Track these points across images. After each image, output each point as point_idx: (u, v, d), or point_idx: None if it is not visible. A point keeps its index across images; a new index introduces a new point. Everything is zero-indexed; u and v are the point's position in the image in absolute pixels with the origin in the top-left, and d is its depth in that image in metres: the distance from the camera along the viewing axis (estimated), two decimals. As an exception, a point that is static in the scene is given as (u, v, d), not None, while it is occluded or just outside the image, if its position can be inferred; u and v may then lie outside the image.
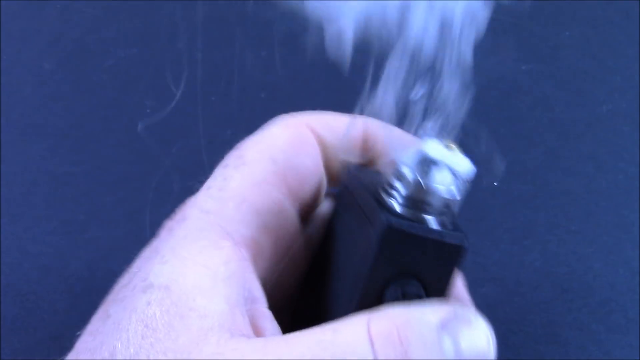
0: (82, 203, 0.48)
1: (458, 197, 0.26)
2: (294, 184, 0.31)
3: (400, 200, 0.26)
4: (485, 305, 0.43)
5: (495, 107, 0.54)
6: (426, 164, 0.26)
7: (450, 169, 0.27)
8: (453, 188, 0.26)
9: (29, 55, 0.58)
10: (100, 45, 0.58)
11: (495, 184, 0.49)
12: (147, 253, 0.29)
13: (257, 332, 0.27)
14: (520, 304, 0.43)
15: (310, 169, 0.31)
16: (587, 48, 0.58)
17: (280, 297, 0.31)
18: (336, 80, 0.56)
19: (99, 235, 0.46)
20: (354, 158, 0.32)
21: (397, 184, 0.26)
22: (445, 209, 0.27)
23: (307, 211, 0.32)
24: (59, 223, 0.47)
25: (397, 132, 0.32)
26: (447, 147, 0.27)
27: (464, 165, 0.27)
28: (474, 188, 0.48)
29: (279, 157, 0.31)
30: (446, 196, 0.26)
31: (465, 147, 0.28)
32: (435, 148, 0.27)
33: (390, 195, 0.26)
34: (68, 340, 0.27)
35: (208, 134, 0.52)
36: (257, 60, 0.57)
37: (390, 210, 0.26)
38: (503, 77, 0.56)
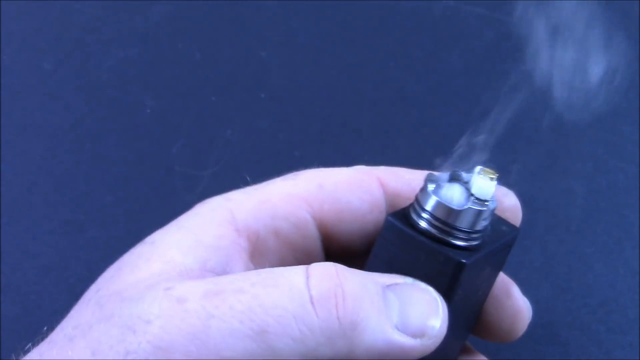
0: (82, 203, 0.48)
1: (462, 208, 0.27)
2: (330, 214, 0.31)
3: (417, 208, 0.28)
4: (485, 305, 0.43)
5: (495, 107, 0.54)
6: (447, 182, 0.28)
7: (465, 188, 0.28)
8: (461, 202, 0.28)
9: (29, 55, 0.58)
10: (100, 45, 0.58)
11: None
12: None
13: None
14: (520, 304, 0.43)
15: (356, 211, 0.31)
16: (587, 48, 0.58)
17: None
18: (337, 80, 0.56)
19: (99, 235, 0.46)
20: None
21: (419, 193, 0.28)
22: (466, 230, 0.28)
23: (340, 247, 0.32)
24: (59, 223, 0.47)
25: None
26: (483, 174, 0.29)
27: (484, 188, 0.28)
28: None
29: (328, 186, 0.31)
30: (453, 207, 0.27)
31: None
32: (466, 173, 0.29)
33: (414, 209, 0.28)
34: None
35: (208, 134, 0.52)
36: (257, 60, 0.57)
37: (404, 214, 0.28)
38: (503, 77, 0.56)
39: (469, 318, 0.32)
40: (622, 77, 0.56)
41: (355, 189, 0.31)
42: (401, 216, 0.28)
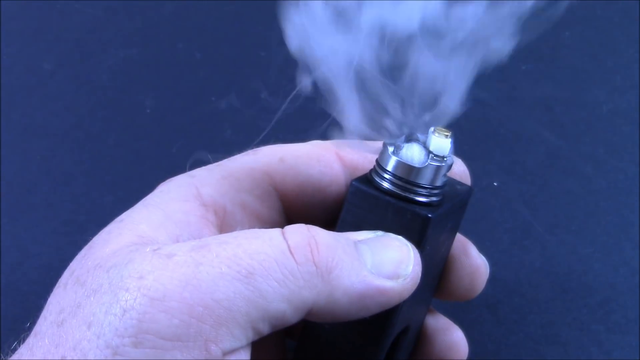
0: (82, 203, 0.48)
1: (422, 165, 0.29)
2: (292, 187, 0.32)
3: (379, 171, 0.30)
4: (485, 305, 0.43)
5: (496, 107, 0.54)
6: (405, 142, 0.30)
7: (423, 146, 0.29)
8: (421, 160, 0.29)
9: (29, 55, 0.58)
10: (100, 45, 0.58)
11: (495, 184, 0.49)
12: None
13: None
14: (520, 304, 0.43)
15: (316, 184, 0.32)
16: (587, 48, 0.58)
17: None
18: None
19: (99, 235, 0.46)
20: None
21: (379, 159, 0.30)
22: (423, 186, 0.29)
23: (303, 219, 0.32)
24: (59, 223, 0.47)
25: None
26: (438, 132, 0.30)
27: (441, 145, 0.29)
28: (474, 188, 0.49)
29: (289, 159, 0.32)
30: (409, 165, 0.29)
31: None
32: (422, 133, 0.30)
33: (376, 172, 0.30)
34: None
35: (208, 134, 0.52)
36: (257, 61, 0.57)
37: (368, 179, 0.30)
38: (503, 77, 0.56)
39: (433, 280, 0.33)
40: (622, 77, 0.56)
41: (315, 163, 0.32)
42: (365, 180, 0.30)
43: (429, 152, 0.29)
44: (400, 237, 0.28)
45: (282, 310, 0.25)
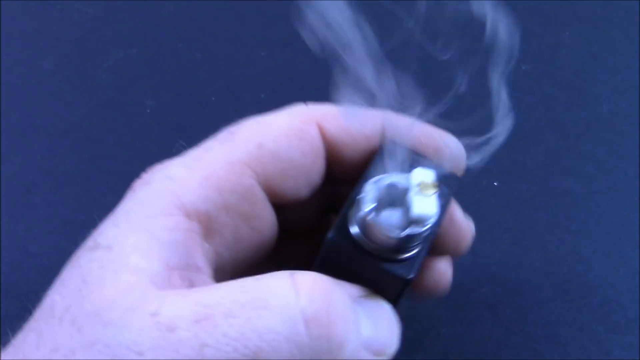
0: (82, 203, 0.48)
1: (401, 236, 0.28)
2: (274, 174, 0.31)
3: (355, 222, 0.28)
4: (485, 305, 0.43)
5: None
6: (385, 199, 0.28)
7: (404, 211, 0.28)
8: (398, 230, 0.28)
9: (29, 55, 0.58)
10: (100, 45, 0.58)
11: (495, 184, 0.49)
12: (110, 215, 0.30)
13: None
14: (520, 304, 0.43)
15: (299, 165, 0.31)
16: (587, 48, 0.58)
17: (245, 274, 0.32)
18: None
19: (99, 235, 0.46)
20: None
21: (357, 208, 0.28)
22: (398, 242, 0.28)
23: (289, 202, 0.32)
24: (59, 223, 0.47)
25: (416, 123, 0.32)
26: (423, 187, 0.28)
27: (424, 211, 0.27)
28: (474, 188, 0.49)
29: (268, 144, 0.31)
30: (389, 235, 0.28)
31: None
32: (405, 183, 0.28)
33: (354, 214, 0.29)
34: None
35: (208, 134, 0.52)
36: (257, 60, 0.57)
37: (344, 227, 0.29)
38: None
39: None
40: (622, 77, 0.56)
41: (296, 143, 0.31)
42: (342, 232, 0.28)
43: (410, 219, 0.28)
44: (389, 308, 0.28)
45: None
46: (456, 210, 0.33)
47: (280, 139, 0.31)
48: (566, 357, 0.41)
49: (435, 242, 0.32)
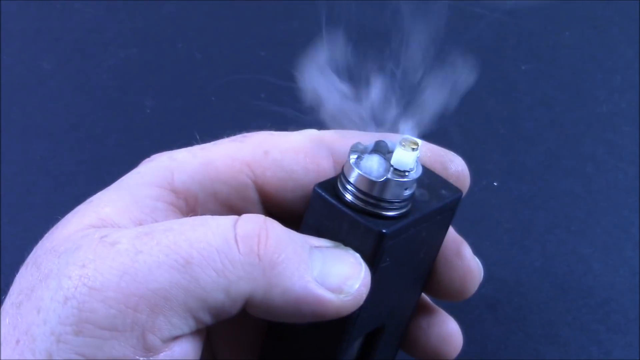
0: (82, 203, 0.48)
1: (380, 179, 0.28)
2: (272, 180, 0.31)
3: (342, 179, 0.29)
4: (485, 305, 0.43)
5: (495, 107, 0.54)
6: (368, 153, 0.29)
7: (385, 159, 0.28)
8: (380, 173, 0.28)
9: (29, 55, 0.58)
10: (100, 45, 0.58)
11: (495, 184, 0.49)
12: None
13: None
14: (520, 304, 0.43)
15: (299, 179, 0.31)
16: (587, 48, 0.58)
17: None
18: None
19: (99, 235, 0.46)
20: None
21: (344, 166, 0.29)
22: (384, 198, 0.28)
23: (282, 211, 0.32)
24: (59, 223, 0.47)
25: (424, 145, 0.33)
26: (406, 141, 0.28)
27: (403, 160, 0.28)
28: (474, 188, 0.49)
29: (275, 153, 0.31)
30: (368, 177, 0.28)
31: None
32: (392, 143, 0.29)
33: (340, 180, 0.29)
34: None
35: (208, 134, 0.52)
36: (257, 60, 0.57)
37: (332, 183, 0.29)
38: (503, 77, 0.56)
39: (416, 278, 0.33)
40: (622, 77, 0.56)
41: (302, 159, 0.31)
42: (329, 186, 0.29)
43: (390, 165, 0.28)
44: (357, 255, 0.28)
45: (220, 300, 0.25)
46: (465, 248, 0.33)
47: (287, 151, 0.31)
48: (566, 357, 0.41)
49: (441, 281, 0.32)
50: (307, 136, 0.32)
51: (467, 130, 0.50)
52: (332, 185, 0.29)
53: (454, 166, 0.34)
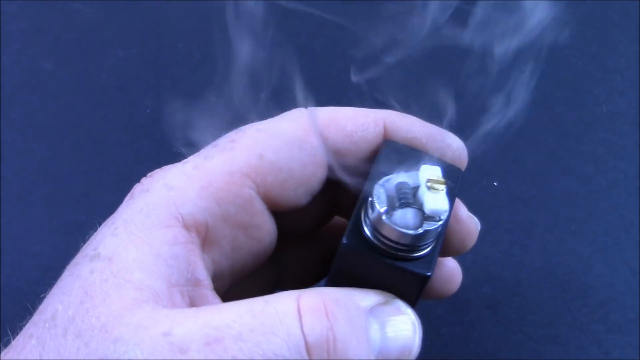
0: (82, 203, 0.48)
1: (418, 232, 0.28)
2: (274, 184, 0.31)
3: (374, 233, 0.28)
4: (485, 305, 0.43)
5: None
6: (397, 199, 0.28)
7: (418, 209, 0.28)
8: (414, 228, 0.28)
9: (29, 55, 0.58)
10: (100, 45, 0.58)
11: (495, 184, 0.49)
12: (108, 221, 0.30)
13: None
14: (520, 304, 0.43)
15: (299, 176, 0.31)
16: (587, 48, 0.58)
17: (243, 280, 0.32)
18: (338, 80, 0.56)
19: (99, 235, 0.46)
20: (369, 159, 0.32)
21: (369, 210, 0.29)
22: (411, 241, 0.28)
23: (288, 210, 0.32)
24: (59, 223, 0.47)
25: (418, 122, 0.32)
26: (432, 183, 0.28)
27: (437, 206, 0.28)
28: (474, 188, 0.49)
29: (269, 155, 0.30)
30: (406, 233, 0.28)
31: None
32: (413, 181, 0.29)
33: (367, 216, 0.29)
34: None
35: (208, 134, 0.52)
36: (257, 60, 0.57)
37: (357, 231, 0.29)
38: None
39: None
40: (622, 77, 0.56)
41: (297, 153, 0.31)
42: (357, 236, 0.29)
43: (424, 215, 0.28)
44: (410, 311, 0.28)
45: None
46: (461, 208, 0.33)
47: (281, 149, 0.31)
48: (566, 357, 0.41)
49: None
50: (295, 123, 0.32)
51: (467, 130, 0.50)
52: (358, 234, 0.29)
53: (453, 148, 0.33)
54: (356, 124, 0.32)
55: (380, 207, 0.28)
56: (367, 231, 0.29)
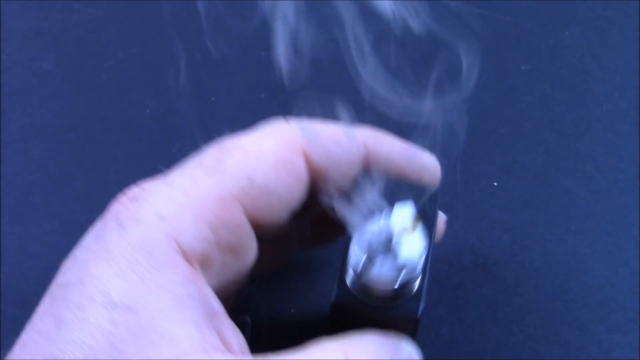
0: (82, 203, 0.48)
1: (396, 287, 0.29)
2: (262, 207, 0.31)
3: (361, 287, 0.30)
4: (485, 305, 0.43)
5: (495, 107, 0.54)
6: (373, 252, 0.30)
7: (395, 261, 0.29)
8: (393, 281, 0.29)
9: (29, 55, 0.58)
10: (100, 45, 0.58)
11: (495, 184, 0.49)
12: (94, 247, 0.28)
13: (225, 344, 0.28)
14: (520, 304, 0.43)
15: (284, 197, 0.31)
16: (587, 48, 0.58)
17: (227, 294, 0.32)
18: (337, 80, 0.56)
19: (99, 235, 0.46)
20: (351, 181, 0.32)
21: (349, 269, 0.30)
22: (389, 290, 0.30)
23: (271, 232, 0.32)
24: (59, 223, 0.47)
25: (396, 143, 0.33)
26: (405, 228, 0.29)
27: (412, 253, 0.29)
28: (474, 188, 0.49)
29: (258, 178, 0.30)
30: (387, 288, 0.29)
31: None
32: (386, 229, 0.30)
33: (357, 285, 0.30)
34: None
35: (208, 134, 0.52)
36: (257, 60, 0.57)
37: (344, 287, 0.30)
38: (503, 77, 0.56)
39: None
40: (622, 77, 0.56)
41: (284, 176, 0.31)
42: (343, 293, 0.30)
43: (401, 266, 0.29)
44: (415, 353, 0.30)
45: None
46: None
47: (269, 172, 0.31)
48: (566, 357, 0.41)
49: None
50: (280, 141, 0.31)
51: (467, 130, 0.50)
52: (344, 292, 0.30)
53: (430, 170, 0.34)
54: (340, 146, 0.32)
55: (356, 268, 0.29)
56: (355, 287, 0.30)
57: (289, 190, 0.31)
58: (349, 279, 0.30)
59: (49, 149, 0.51)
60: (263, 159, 0.31)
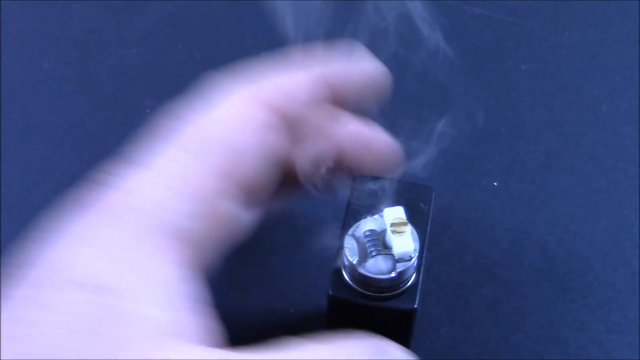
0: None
1: (394, 275, 0.30)
2: (248, 172, 0.30)
3: (355, 281, 0.31)
4: (485, 305, 0.43)
5: (495, 107, 0.54)
6: (367, 248, 0.30)
7: (387, 255, 0.30)
8: (388, 272, 0.30)
9: (29, 55, 0.58)
10: (100, 45, 0.58)
11: (495, 184, 0.49)
12: (74, 231, 0.27)
13: (210, 333, 0.27)
14: (520, 304, 0.43)
15: (260, 160, 0.31)
16: (587, 48, 0.58)
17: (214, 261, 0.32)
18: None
19: (99, 235, 0.46)
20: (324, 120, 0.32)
21: (345, 261, 0.31)
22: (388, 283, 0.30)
23: (252, 198, 0.31)
24: (59, 223, 0.47)
25: (358, 67, 0.32)
26: (395, 227, 0.30)
27: (405, 248, 0.30)
28: (474, 188, 0.49)
29: (236, 144, 0.30)
30: (382, 279, 0.30)
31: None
32: (380, 225, 0.31)
33: (352, 278, 0.31)
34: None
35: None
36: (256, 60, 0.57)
37: (340, 280, 0.31)
38: (503, 77, 0.56)
39: None
40: (622, 77, 0.56)
41: (254, 135, 0.30)
42: (340, 286, 0.31)
43: (396, 258, 0.30)
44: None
45: None
46: (375, 141, 0.34)
47: (243, 135, 0.30)
48: (566, 357, 0.41)
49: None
50: (242, 101, 0.31)
51: (467, 130, 0.50)
52: (341, 283, 0.31)
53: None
54: (299, 87, 0.32)
55: (353, 259, 0.30)
56: (348, 279, 0.31)
57: (262, 146, 0.31)
58: (345, 272, 0.31)
59: (49, 149, 0.51)
60: (229, 122, 0.31)
